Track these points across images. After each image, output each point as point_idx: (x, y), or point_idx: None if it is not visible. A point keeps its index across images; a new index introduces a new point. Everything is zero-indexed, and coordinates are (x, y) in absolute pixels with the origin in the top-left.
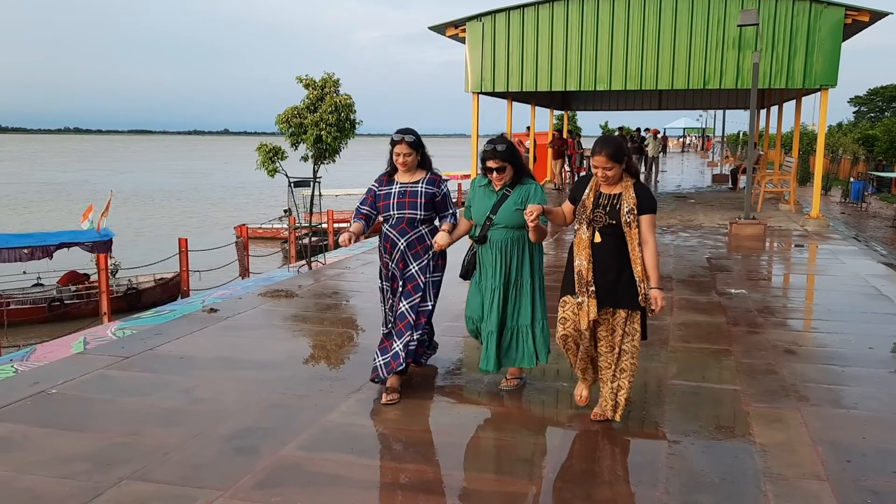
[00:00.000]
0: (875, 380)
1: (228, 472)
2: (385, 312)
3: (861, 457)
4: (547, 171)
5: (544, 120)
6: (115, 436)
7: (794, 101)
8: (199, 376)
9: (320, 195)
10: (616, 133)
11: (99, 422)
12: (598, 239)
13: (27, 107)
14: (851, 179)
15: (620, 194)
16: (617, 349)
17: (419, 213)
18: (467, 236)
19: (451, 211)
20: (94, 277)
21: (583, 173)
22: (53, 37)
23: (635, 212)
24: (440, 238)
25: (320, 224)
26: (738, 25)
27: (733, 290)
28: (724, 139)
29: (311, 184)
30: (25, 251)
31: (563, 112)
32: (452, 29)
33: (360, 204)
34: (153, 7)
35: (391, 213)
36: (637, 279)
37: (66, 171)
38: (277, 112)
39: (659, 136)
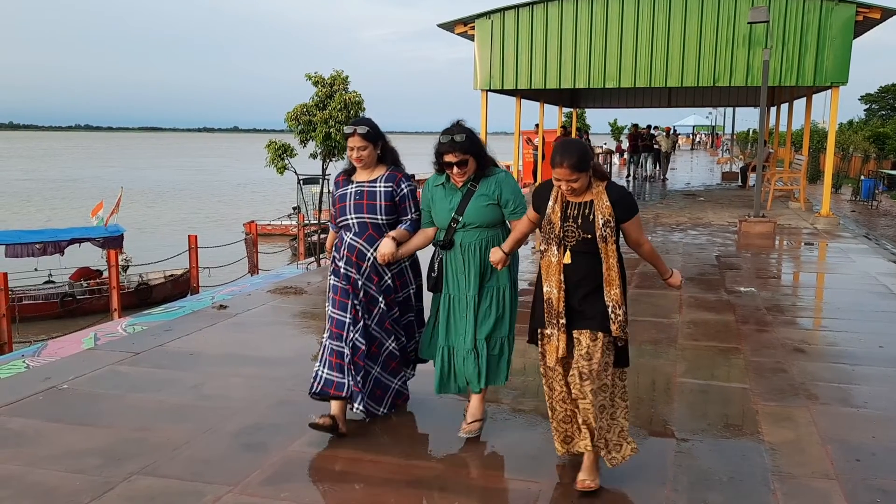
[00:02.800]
0: (885, 379)
1: (237, 467)
2: (328, 339)
3: (870, 456)
4: None
5: (553, 117)
6: (125, 431)
7: (804, 99)
8: (209, 372)
9: (329, 192)
10: (628, 131)
11: (109, 417)
12: (567, 260)
13: (38, 104)
14: (862, 177)
15: (592, 202)
16: (595, 384)
17: (380, 217)
18: (432, 243)
19: (410, 216)
20: (105, 274)
21: None
22: (64, 36)
23: (612, 223)
24: (382, 244)
25: (329, 221)
26: (749, 22)
27: (742, 289)
28: (734, 136)
29: (321, 181)
30: (38, 247)
31: (572, 109)
32: (461, 26)
33: (332, 205)
34: (163, 6)
35: (348, 217)
36: (612, 304)
37: (78, 168)
38: (287, 109)
39: (671, 133)
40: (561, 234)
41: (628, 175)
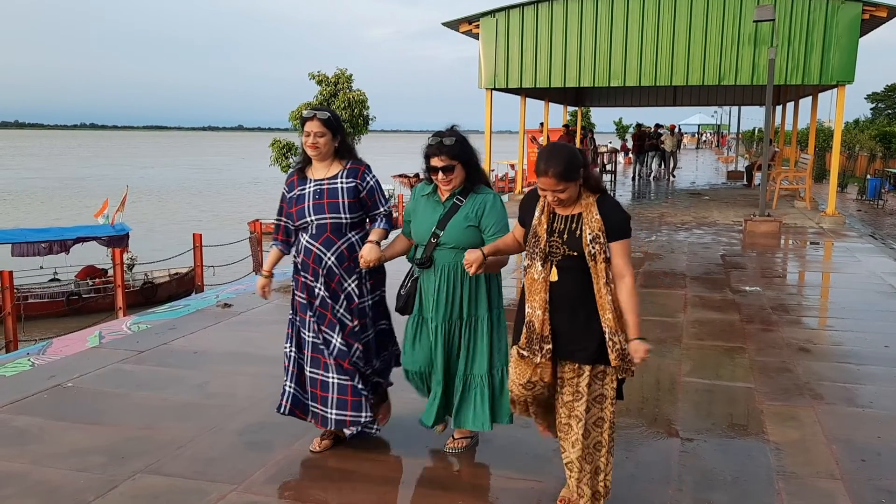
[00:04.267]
0: (890, 378)
1: (241, 466)
2: (292, 355)
3: (876, 456)
4: None
5: (558, 116)
6: (129, 429)
7: (810, 98)
8: (213, 371)
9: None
10: (633, 130)
11: (114, 415)
12: (554, 277)
13: (44, 103)
14: (868, 176)
15: (580, 215)
16: (584, 420)
17: (344, 215)
18: (406, 259)
19: (381, 210)
20: (111, 272)
21: (596, 169)
22: (69, 36)
23: (601, 239)
24: (367, 251)
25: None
26: (754, 21)
27: (748, 288)
28: (739, 135)
29: None
30: (44, 246)
31: (577, 108)
32: (466, 25)
33: (278, 214)
34: (167, 5)
35: (308, 219)
36: (607, 330)
37: (85, 167)
38: (291, 108)
39: (676, 131)
40: (547, 248)
41: (633, 175)
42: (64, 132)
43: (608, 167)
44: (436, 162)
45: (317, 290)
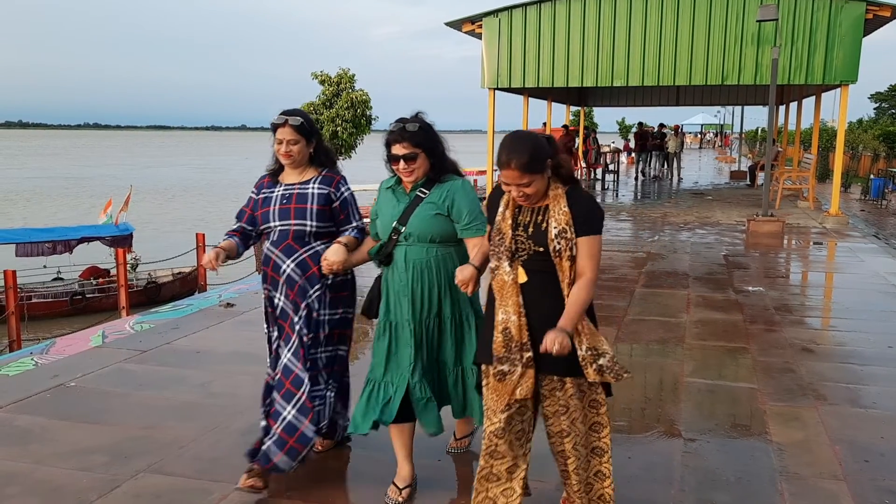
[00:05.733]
0: (894, 379)
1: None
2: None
3: (879, 456)
4: None
5: (561, 116)
6: (132, 429)
7: (813, 97)
8: (216, 370)
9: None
10: (635, 129)
11: (117, 415)
12: (523, 278)
13: (48, 103)
14: (871, 176)
15: (547, 207)
16: (580, 431)
17: (310, 222)
18: (368, 254)
19: (354, 224)
20: (114, 272)
21: (599, 169)
22: (72, 35)
23: (568, 234)
24: (331, 252)
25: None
26: (757, 20)
27: (750, 288)
28: (742, 135)
29: None
30: (47, 245)
31: (579, 108)
32: (469, 24)
33: (237, 218)
34: (170, 5)
35: (271, 224)
36: (584, 346)
37: (88, 166)
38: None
39: (678, 132)
40: (512, 245)
41: (636, 174)
42: (67, 132)
43: (611, 167)
44: (397, 149)
45: (276, 301)
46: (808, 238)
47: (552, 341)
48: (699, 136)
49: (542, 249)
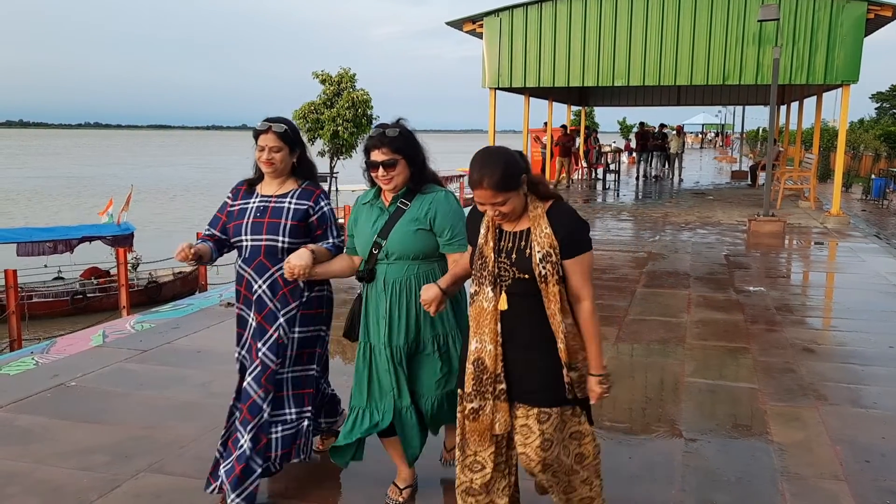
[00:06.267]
0: (895, 379)
1: None
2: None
3: (880, 457)
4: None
5: (562, 116)
6: (133, 428)
7: (814, 97)
8: (216, 370)
9: (337, 190)
10: (636, 129)
11: (117, 414)
12: (503, 305)
13: (48, 102)
14: (873, 176)
15: (529, 231)
16: (566, 465)
17: (281, 238)
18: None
19: (331, 240)
20: (114, 272)
21: (600, 169)
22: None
23: (553, 257)
24: (295, 256)
25: (337, 219)
26: (759, 20)
27: (751, 288)
28: (743, 135)
29: (328, 179)
30: (48, 245)
31: (580, 108)
32: (470, 24)
33: (210, 224)
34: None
35: (243, 238)
36: (562, 361)
37: (89, 166)
38: (295, 107)
39: (680, 133)
40: (495, 269)
41: (637, 174)
42: (68, 131)
43: (612, 167)
44: (376, 155)
45: (247, 320)
46: (809, 238)
47: (596, 394)
48: (700, 135)
49: (527, 276)
